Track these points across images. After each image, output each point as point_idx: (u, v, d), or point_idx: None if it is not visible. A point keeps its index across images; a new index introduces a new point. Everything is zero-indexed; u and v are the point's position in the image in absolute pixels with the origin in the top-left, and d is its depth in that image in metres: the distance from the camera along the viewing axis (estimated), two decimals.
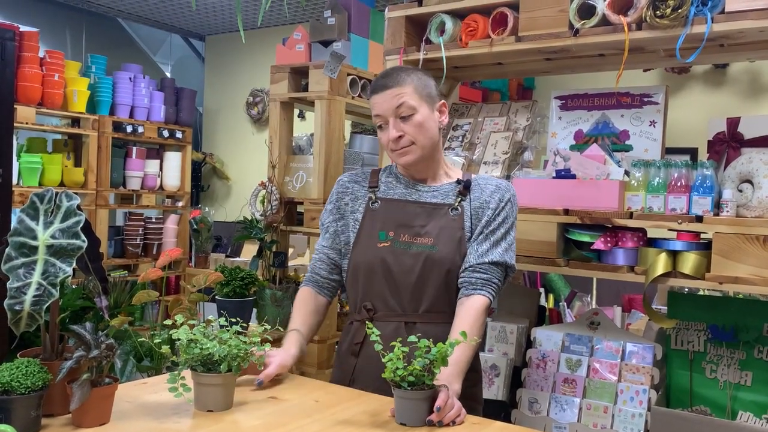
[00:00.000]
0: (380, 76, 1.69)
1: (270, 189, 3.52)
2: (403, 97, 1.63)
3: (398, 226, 1.66)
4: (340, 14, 3.53)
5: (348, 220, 1.75)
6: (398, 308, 1.64)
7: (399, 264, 1.63)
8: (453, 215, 1.66)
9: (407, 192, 1.71)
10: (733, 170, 1.93)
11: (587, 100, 2.33)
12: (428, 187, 1.72)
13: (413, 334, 1.54)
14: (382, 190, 1.74)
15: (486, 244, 1.64)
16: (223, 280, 3.29)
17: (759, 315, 1.97)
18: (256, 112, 6.17)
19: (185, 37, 6.65)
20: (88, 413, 1.24)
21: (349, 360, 1.68)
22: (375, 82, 1.68)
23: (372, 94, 1.68)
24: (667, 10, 1.88)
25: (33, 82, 4.21)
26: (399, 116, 1.63)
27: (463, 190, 1.69)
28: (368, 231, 1.69)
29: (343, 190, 1.78)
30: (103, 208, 4.76)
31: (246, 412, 1.37)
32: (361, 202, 1.75)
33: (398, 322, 1.63)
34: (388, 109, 1.63)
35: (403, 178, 1.75)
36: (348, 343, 1.71)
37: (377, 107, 1.65)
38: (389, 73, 1.69)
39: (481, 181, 1.72)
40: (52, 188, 1.36)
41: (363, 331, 1.63)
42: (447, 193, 1.71)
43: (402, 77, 1.65)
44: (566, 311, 3.04)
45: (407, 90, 1.63)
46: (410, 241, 1.64)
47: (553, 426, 2.04)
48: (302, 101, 3.62)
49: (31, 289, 1.24)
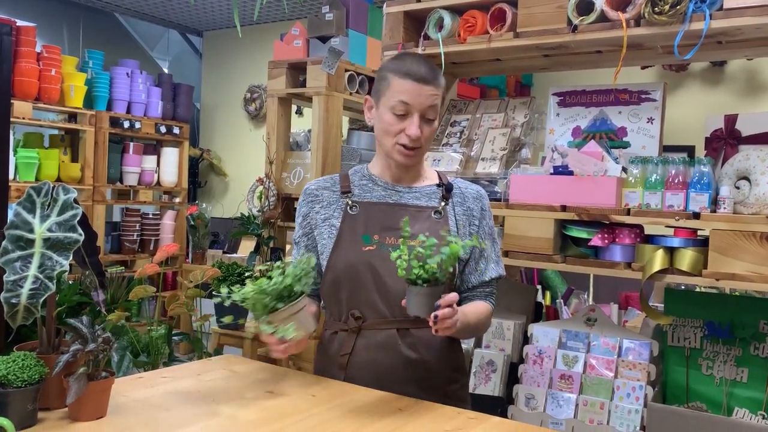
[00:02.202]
0: (416, 65, 1.53)
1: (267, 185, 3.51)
2: (437, 99, 1.55)
3: (383, 229, 1.57)
4: (338, 10, 3.53)
5: (322, 229, 1.62)
6: (389, 314, 1.54)
7: (387, 267, 1.51)
8: (436, 218, 1.59)
9: (386, 194, 1.62)
10: (731, 167, 1.93)
11: (585, 97, 2.33)
12: (409, 189, 1.63)
13: (407, 340, 1.53)
14: (357, 194, 1.63)
15: (482, 263, 1.63)
16: (220, 276, 3.29)
17: (755, 312, 1.97)
18: (253, 108, 6.16)
19: (183, 33, 6.64)
20: (84, 407, 1.24)
21: (337, 375, 1.58)
22: (412, 68, 1.52)
23: (407, 78, 1.52)
24: (665, 6, 1.88)
25: (30, 77, 4.20)
26: (424, 116, 1.54)
27: (446, 194, 1.63)
28: (349, 236, 1.58)
29: (312, 198, 1.66)
30: (100, 203, 4.75)
31: (243, 406, 1.37)
32: (335, 207, 1.62)
33: (390, 329, 1.54)
34: (421, 104, 1.52)
35: (379, 180, 1.64)
36: (333, 355, 1.59)
37: (409, 95, 1.51)
38: (431, 67, 1.56)
39: (461, 185, 1.67)
40: (48, 181, 1.35)
41: (351, 341, 1.55)
42: (430, 195, 1.63)
43: (439, 78, 1.55)
44: (563, 308, 3.04)
45: (440, 93, 1.56)
46: (397, 245, 1.49)
47: (550, 422, 2.05)
48: (300, 97, 3.62)
49: (27, 283, 1.24)
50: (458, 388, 1.63)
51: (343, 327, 1.58)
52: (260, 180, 3.59)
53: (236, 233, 3.78)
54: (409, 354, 1.53)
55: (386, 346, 1.53)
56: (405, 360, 1.53)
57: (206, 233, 5.41)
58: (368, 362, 1.54)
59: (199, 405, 1.37)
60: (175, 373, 1.60)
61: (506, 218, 2.15)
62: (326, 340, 1.64)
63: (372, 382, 1.52)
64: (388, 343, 1.53)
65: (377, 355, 1.53)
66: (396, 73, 1.54)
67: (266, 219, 3.58)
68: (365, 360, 1.54)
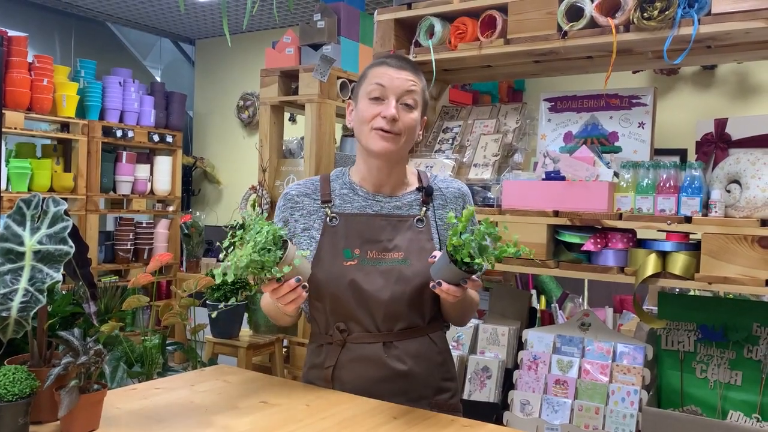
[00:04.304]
0: (393, 56, 1.56)
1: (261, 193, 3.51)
2: (415, 86, 1.53)
3: (364, 242, 1.53)
4: (330, 17, 3.53)
5: (300, 238, 1.58)
6: (373, 328, 1.52)
7: (369, 282, 1.50)
8: (419, 227, 1.57)
9: (367, 204, 1.58)
10: (721, 171, 1.94)
11: (576, 102, 2.34)
12: (389, 198, 1.59)
13: (393, 352, 1.52)
14: (337, 204, 1.58)
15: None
16: (214, 285, 3.28)
17: (748, 315, 1.98)
18: (246, 116, 6.17)
19: (175, 41, 6.64)
20: (76, 420, 1.23)
21: (324, 387, 1.56)
22: (388, 58, 1.54)
23: (381, 65, 1.53)
24: (654, 12, 1.89)
25: (21, 87, 4.19)
26: (402, 102, 1.51)
27: (426, 198, 1.60)
28: (330, 250, 1.54)
29: (292, 205, 1.61)
30: (93, 213, 4.73)
31: (236, 416, 1.37)
32: (315, 218, 1.58)
33: (375, 343, 1.52)
34: (397, 88, 1.50)
35: (360, 189, 1.60)
36: (319, 368, 1.58)
37: (384, 78, 1.51)
38: (406, 59, 1.58)
39: (441, 185, 1.64)
40: (39, 194, 1.35)
41: (336, 354, 1.54)
42: (410, 204, 1.60)
43: (418, 71, 1.56)
44: (558, 313, 3.04)
45: (419, 85, 1.55)
46: (379, 258, 1.53)
47: (545, 427, 2.04)
48: (292, 105, 3.62)
49: (18, 296, 1.23)
50: (448, 397, 1.61)
51: (329, 340, 1.56)
52: (253, 187, 3.59)
53: None
54: (396, 366, 1.52)
55: (372, 359, 1.52)
56: (392, 372, 1.52)
57: (200, 241, 5.39)
58: (355, 375, 1.53)
59: (192, 416, 1.36)
60: (168, 383, 1.59)
61: (499, 224, 2.14)
62: (312, 352, 1.63)
63: (359, 395, 1.50)
64: (373, 356, 1.52)
65: (363, 367, 1.53)
66: (374, 64, 1.56)
67: None
68: (351, 373, 1.54)
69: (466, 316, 1.67)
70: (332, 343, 1.55)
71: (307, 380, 1.64)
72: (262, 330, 3.53)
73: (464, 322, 1.71)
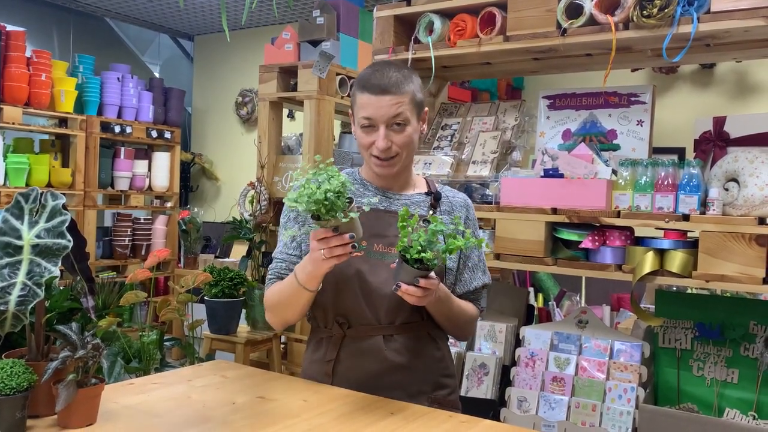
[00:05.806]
0: (377, 76, 1.52)
1: (259, 189, 3.51)
2: (401, 107, 1.51)
3: (372, 236, 1.55)
4: (329, 14, 3.53)
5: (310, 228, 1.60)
6: (374, 321, 1.54)
7: (374, 274, 1.53)
8: (425, 227, 1.55)
9: (378, 200, 1.60)
10: (720, 169, 1.95)
11: (575, 100, 2.34)
12: (399, 196, 1.63)
13: (393, 346, 1.53)
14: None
15: (467, 273, 1.64)
16: (212, 281, 3.28)
17: (745, 313, 1.98)
18: (245, 112, 6.16)
19: (174, 37, 6.63)
20: (74, 414, 1.23)
21: (324, 381, 1.57)
22: (371, 81, 1.52)
23: (366, 91, 1.52)
24: (653, 9, 1.89)
25: (20, 82, 4.18)
26: (391, 125, 1.52)
27: (435, 202, 1.64)
28: None
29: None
30: (91, 208, 4.73)
31: (234, 411, 1.37)
32: None
33: (376, 336, 1.54)
34: (383, 116, 1.51)
35: (370, 185, 1.64)
36: (319, 362, 1.60)
37: (370, 110, 1.51)
38: (388, 76, 1.53)
39: (448, 193, 1.68)
40: (37, 188, 1.34)
41: (336, 348, 1.56)
42: (419, 203, 1.63)
43: (402, 85, 1.52)
44: (555, 310, 3.04)
45: (406, 99, 1.52)
46: (385, 251, 1.56)
47: (542, 424, 2.05)
48: (291, 101, 3.62)
49: (15, 289, 1.23)
50: (447, 394, 1.62)
51: (329, 334, 1.58)
52: (252, 184, 3.59)
53: (228, 237, 3.77)
54: (394, 359, 1.53)
55: (372, 352, 1.53)
56: (391, 366, 1.53)
57: (198, 238, 5.39)
58: (354, 368, 1.54)
59: (190, 411, 1.36)
60: (166, 379, 1.59)
61: (497, 221, 2.15)
62: (312, 347, 1.64)
63: (358, 389, 1.51)
64: (373, 350, 1.53)
65: (363, 361, 1.54)
66: (358, 88, 1.55)
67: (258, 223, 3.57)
68: (351, 366, 1.55)
69: (460, 329, 1.66)
70: (332, 336, 1.57)
71: (307, 375, 1.64)
72: (259, 326, 3.53)
73: (461, 334, 1.71)
